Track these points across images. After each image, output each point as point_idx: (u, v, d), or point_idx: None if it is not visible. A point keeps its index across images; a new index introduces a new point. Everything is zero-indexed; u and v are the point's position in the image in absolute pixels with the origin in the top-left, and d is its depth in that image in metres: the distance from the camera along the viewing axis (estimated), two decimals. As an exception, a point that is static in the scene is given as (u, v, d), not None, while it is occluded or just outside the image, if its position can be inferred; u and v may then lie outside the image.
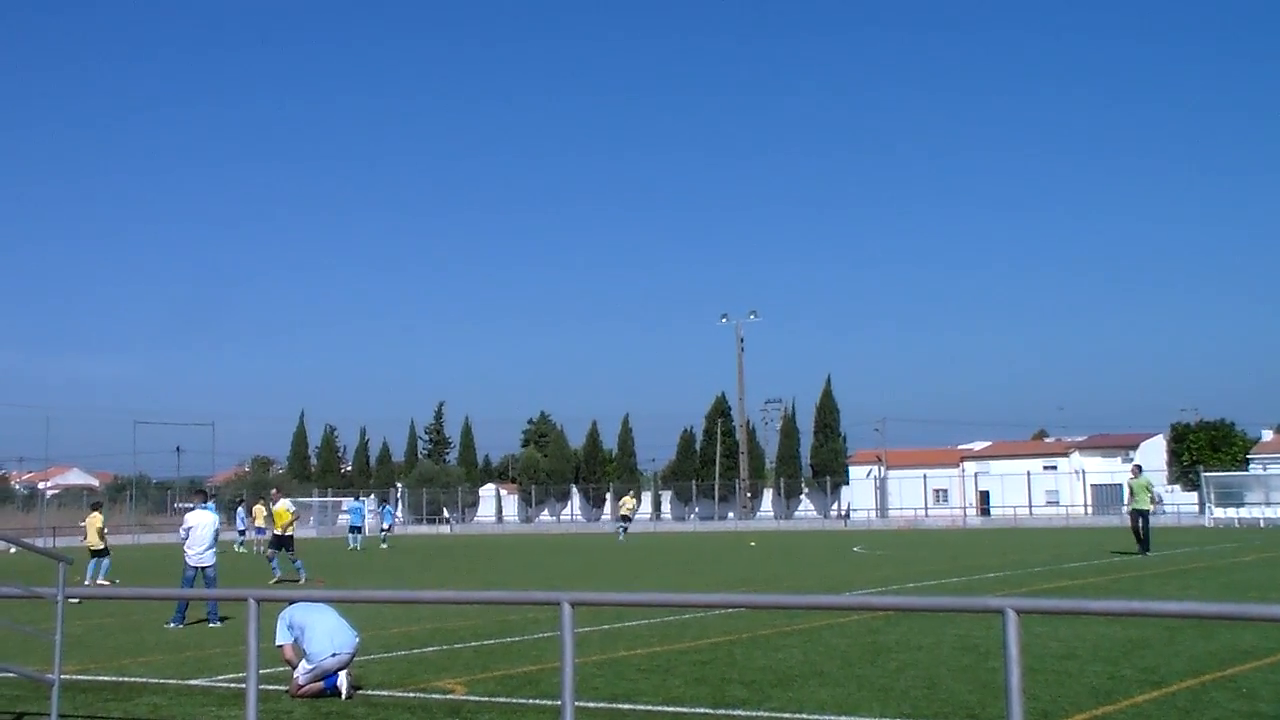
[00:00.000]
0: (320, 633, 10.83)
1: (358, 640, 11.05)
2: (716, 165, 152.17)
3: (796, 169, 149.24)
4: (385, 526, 53.73)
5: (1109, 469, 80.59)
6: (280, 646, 11.03)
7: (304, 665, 10.73)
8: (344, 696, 10.41)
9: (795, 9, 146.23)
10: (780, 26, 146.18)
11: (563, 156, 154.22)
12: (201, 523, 18.71)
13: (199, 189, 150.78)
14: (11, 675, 10.22)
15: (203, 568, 18.57)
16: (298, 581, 26.34)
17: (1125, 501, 31.58)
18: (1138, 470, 31.85)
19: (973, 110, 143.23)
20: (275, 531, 28.02)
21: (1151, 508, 30.49)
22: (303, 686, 10.67)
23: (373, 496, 75.87)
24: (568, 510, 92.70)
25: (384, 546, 49.04)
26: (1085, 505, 76.99)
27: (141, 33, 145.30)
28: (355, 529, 49.91)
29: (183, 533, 18.79)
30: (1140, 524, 29.98)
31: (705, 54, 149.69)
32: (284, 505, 28.24)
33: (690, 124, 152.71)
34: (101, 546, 27.21)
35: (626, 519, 55.60)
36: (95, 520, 27.49)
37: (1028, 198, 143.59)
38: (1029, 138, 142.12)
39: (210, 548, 18.66)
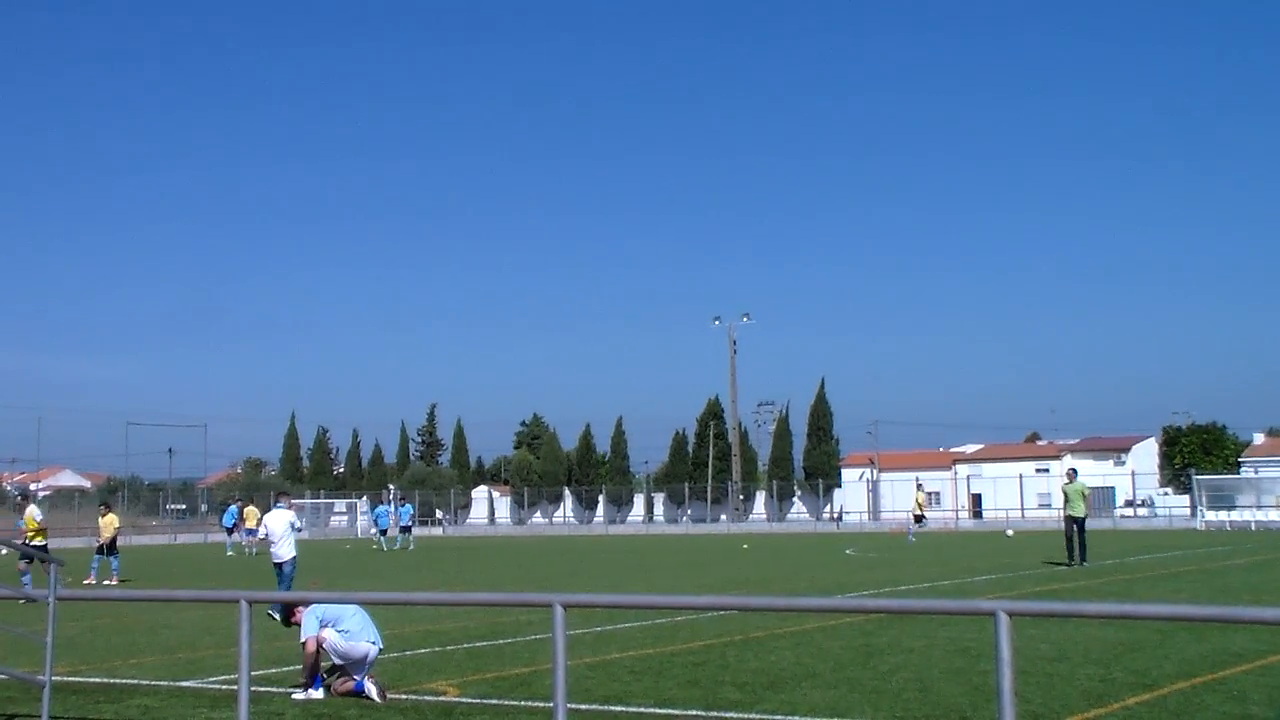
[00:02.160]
0: (358, 621, 10.84)
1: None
2: (709, 168, 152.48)
3: (789, 172, 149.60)
4: (403, 525, 53.79)
5: (1101, 472, 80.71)
6: (305, 641, 10.71)
7: (335, 641, 10.61)
8: (379, 699, 10.36)
9: (789, 13, 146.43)
10: (773, 30, 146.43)
11: (555, 159, 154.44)
12: (275, 521, 20.07)
13: (192, 191, 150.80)
14: (2, 677, 10.20)
15: (277, 563, 19.88)
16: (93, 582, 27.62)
17: (1061, 507, 28.97)
18: (1072, 474, 29.95)
19: (965, 113, 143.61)
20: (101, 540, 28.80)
21: (1086, 514, 28.40)
22: (337, 682, 10.63)
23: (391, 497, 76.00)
24: (560, 512, 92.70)
25: (410, 548, 49.56)
26: (1078, 508, 77.10)
27: (135, 36, 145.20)
28: (383, 531, 50.65)
29: (262, 531, 19.92)
30: (1075, 532, 27.98)
31: (697, 58, 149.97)
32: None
33: (683, 127, 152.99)
34: (42, 544, 24.78)
35: (920, 518, 50.12)
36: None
37: (1020, 201, 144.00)
38: (1022, 140, 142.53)
39: (285, 544, 19.91)
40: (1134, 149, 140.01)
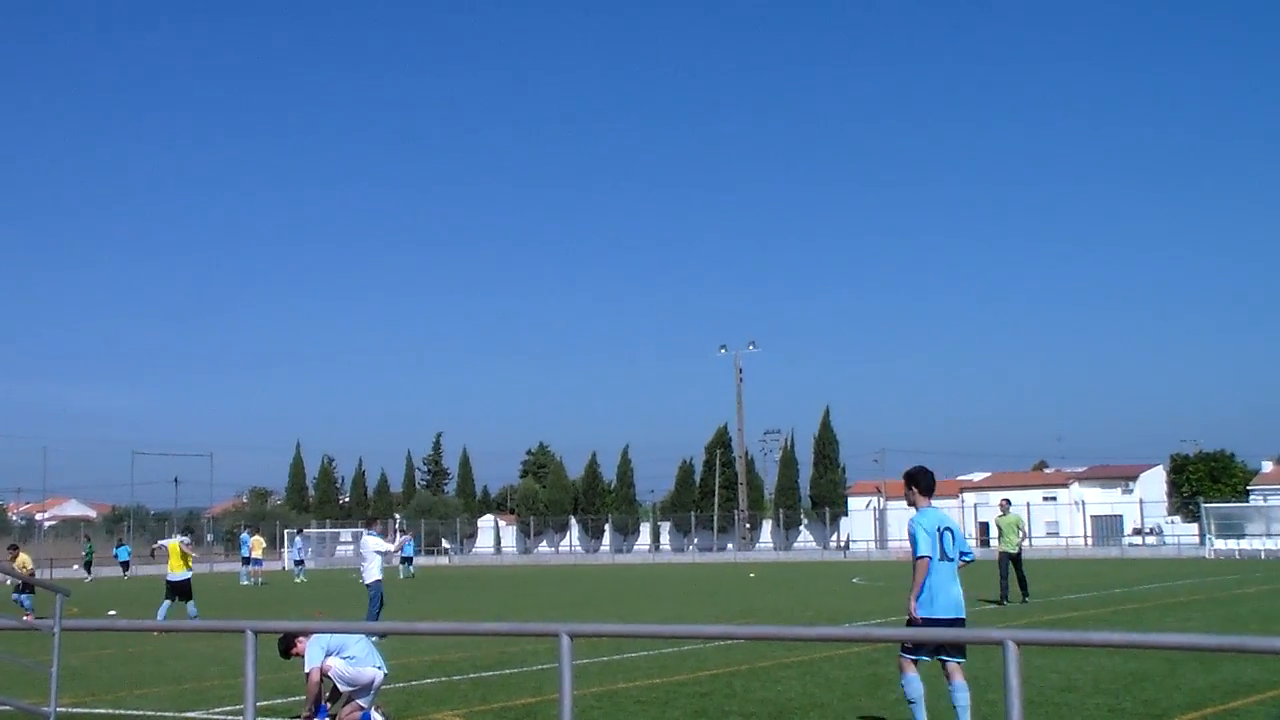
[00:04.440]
0: (363, 648, 10.81)
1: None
2: (715, 197, 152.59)
3: (796, 200, 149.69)
4: (406, 557, 53.59)
5: (1109, 500, 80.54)
6: (309, 671, 10.64)
7: (341, 668, 10.58)
8: None
9: (794, 39, 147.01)
10: (776, 57, 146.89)
11: (561, 188, 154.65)
12: (366, 547, 20.57)
13: (196, 218, 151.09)
14: (8, 708, 10.17)
15: (364, 584, 20.37)
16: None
17: (995, 542, 26.45)
18: (1006, 506, 27.67)
19: (970, 139, 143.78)
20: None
21: (1019, 548, 26.02)
22: (343, 711, 10.61)
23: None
24: (566, 541, 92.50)
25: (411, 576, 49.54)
26: (1085, 536, 76.85)
27: (131, 57, 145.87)
28: (406, 559, 50.38)
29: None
30: (1010, 567, 25.67)
31: (702, 85, 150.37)
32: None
33: (689, 155, 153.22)
34: (184, 577, 23.93)
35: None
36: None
37: (1026, 228, 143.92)
38: (1027, 166, 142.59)
39: (369, 568, 20.34)
40: (1141, 174, 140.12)
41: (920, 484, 9.83)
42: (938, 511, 9.81)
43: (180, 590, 23.78)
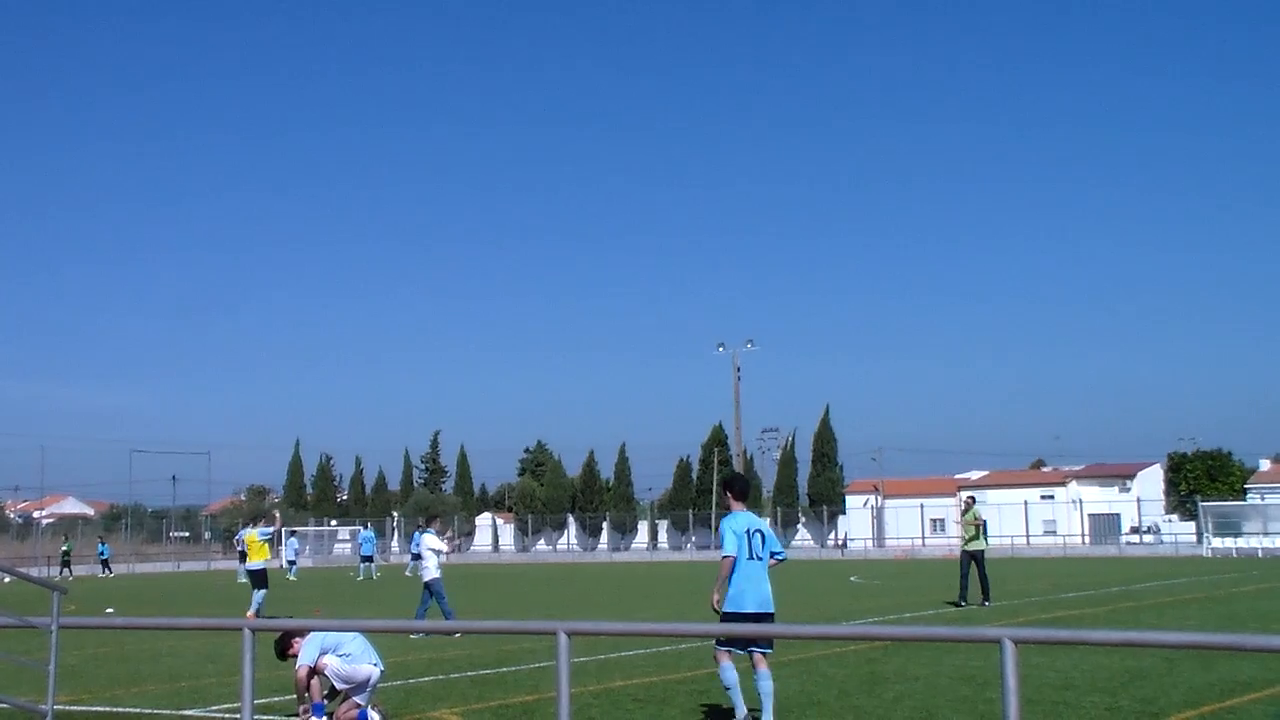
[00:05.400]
0: (358, 645, 10.79)
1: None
2: (714, 194, 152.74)
3: (793, 198, 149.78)
4: (415, 553, 53.19)
5: (1106, 498, 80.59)
6: (298, 668, 10.61)
7: (337, 666, 10.57)
8: None
9: (792, 40, 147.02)
10: (776, 57, 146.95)
11: (559, 186, 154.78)
12: (423, 545, 20.85)
13: (194, 216, 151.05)
14: (4, 706, 10.16)
15: (423, 581, 20.72)
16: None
17: (963, 540, 25.55)
18: (970, 502, 26.31)
19: (968, 140, 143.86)
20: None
21: (985, 547, 24.99)
22: (340, 709, 10.61)
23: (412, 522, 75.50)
24: (564, 540, 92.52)
25: (408, 574, 49.20)
26: (1083, 535, 76.94)
27: (131, 55, 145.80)
28: (366, 558, 49.71)
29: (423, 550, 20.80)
30: (971, 566, 24.68)
31: (702, 84, 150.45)
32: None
33: (686, 153, 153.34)
34: (262, 566, 24.77)
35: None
36: (253, 536, 25.60)
37: (1024, 227, 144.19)
38: (1025, 166, 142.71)
39: (423, 562, 20.80)
40: (1139, 175, 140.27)
41: (734, 489, 10.73)
42: (749, 514, 10.50)
43: (256, 579, 24.80)
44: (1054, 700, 11.16)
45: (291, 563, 51.00)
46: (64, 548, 56.37)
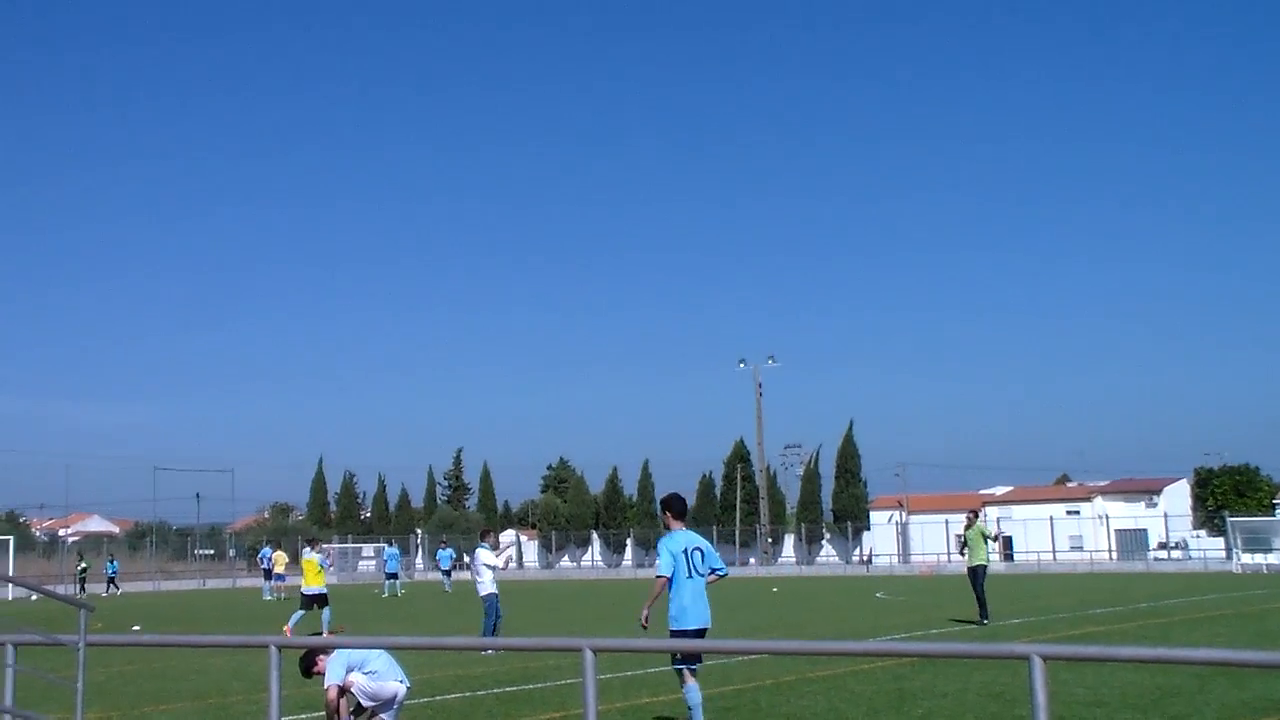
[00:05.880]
0: (384, 662, 10.81)
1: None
2: (735, 210, 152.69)
3: (813, 214, 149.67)
4: (446, 569, 53.28)
5: (1132, 514, 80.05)
6: (328, 688, 10.63)
7: (364, 683, 10.57)
8: None
9: (812, 52, 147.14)
10: (796, 69, 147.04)
11: (580, 201, 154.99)
12: (478, 560, 21.31)
13: (216, 233, 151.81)
14: (33, 723, 10.18)
15: (479, 596, 21.11)
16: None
17: (964, 556, 24.96)
18: (972, 518, 25.43)
19: (993, 155, 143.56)
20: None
21: (988, 561, 24.53)
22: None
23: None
24: (588, 556, 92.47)
25: (448, 591, 49.42)
26: (1110, 550, 76.43)
27: (150, 69, 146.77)
28: (391, 575, 49.77)
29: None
30: (974, 582, 24.29)
31: (725, 97, 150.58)
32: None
33: (708, 168, 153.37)
34: (322, 590, 25.36)
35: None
36: (312, 561, 25.74)
37: (1049, 242, 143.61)
38: (1050, 181, 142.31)
39: (480, 579, 21.21)
40: (1166, 190, 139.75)
41: (673, 509, 11.12)
42: (687, 533, 11.01)
43: (318, 600, 25.22)
44: (1084, 717, 11.08)
45: None
46: (80, 566, 56.47)
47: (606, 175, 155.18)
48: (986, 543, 24.70)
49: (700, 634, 10.61)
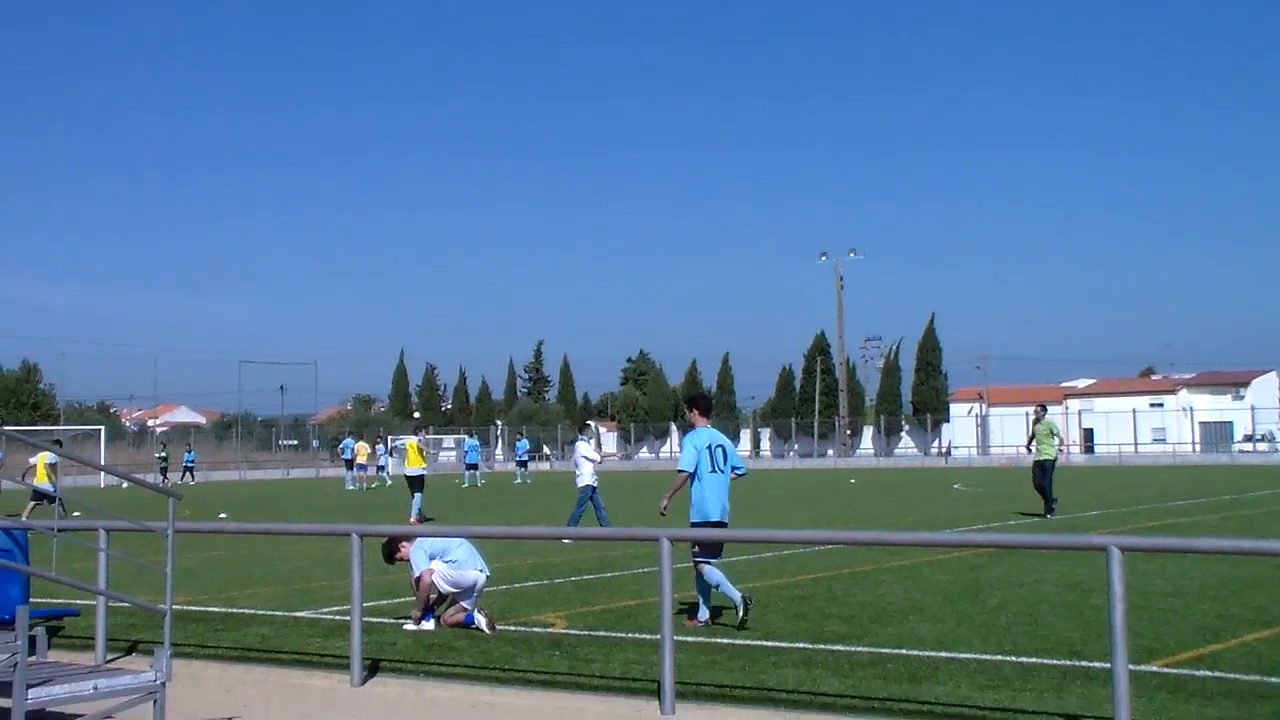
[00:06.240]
0: (465, 551, 11.01)
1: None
2: (814, 105, 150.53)
3: (896, 106, 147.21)
4: (521, 460, 54.14)
5: (1218, 406, 78.98)
6: (417, 577, 10.89)
7: (445, 571, 10.78)
8: (489, 630, 10.48)
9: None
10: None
11: (663, 98, 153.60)
12: (577, 453, 21.65)
13: (309, 128, 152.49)
14: (126, 605, 10.49)
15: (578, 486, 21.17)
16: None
17: (1030, 450, 24.74)
18: (1040, 412, 25.20)
19: (1069, 56, 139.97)
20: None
21: (1056, 456, 24.25)
22: (446, 613, 10.82)
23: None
24: (667, 448, 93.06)
25: (517, 482, 50.51)
26: (1193, 443, 75.55)
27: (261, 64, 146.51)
28: (472, 466, 50.53)
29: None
30: (1042, 476, 24.04)
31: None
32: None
33: (787, 65, 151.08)
34: (422, 471, 26.34)
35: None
36: (413, 444, 26.86)
37: (1129, 138, 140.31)
38: (1130, 79, 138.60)
39: (579, 470, 21.30)
40: (1250, 82, 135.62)
41: (699, 406, 11.63)
42: (711, 430, 11.33)
43: (415, 483, 26.02)
44: (1161, 608, 11.01)
45: (381, 468, 51.71)
46: (160, 454, 57.68)
47: (689, 71, 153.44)
48: (1054, 437, 24.46)
49: (720, 525, 10.87)
